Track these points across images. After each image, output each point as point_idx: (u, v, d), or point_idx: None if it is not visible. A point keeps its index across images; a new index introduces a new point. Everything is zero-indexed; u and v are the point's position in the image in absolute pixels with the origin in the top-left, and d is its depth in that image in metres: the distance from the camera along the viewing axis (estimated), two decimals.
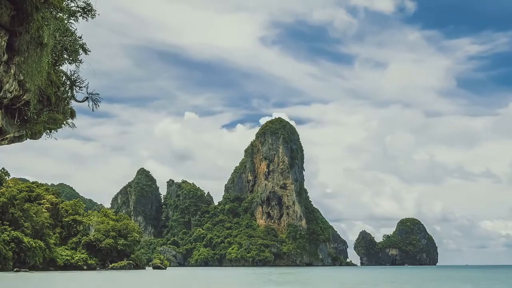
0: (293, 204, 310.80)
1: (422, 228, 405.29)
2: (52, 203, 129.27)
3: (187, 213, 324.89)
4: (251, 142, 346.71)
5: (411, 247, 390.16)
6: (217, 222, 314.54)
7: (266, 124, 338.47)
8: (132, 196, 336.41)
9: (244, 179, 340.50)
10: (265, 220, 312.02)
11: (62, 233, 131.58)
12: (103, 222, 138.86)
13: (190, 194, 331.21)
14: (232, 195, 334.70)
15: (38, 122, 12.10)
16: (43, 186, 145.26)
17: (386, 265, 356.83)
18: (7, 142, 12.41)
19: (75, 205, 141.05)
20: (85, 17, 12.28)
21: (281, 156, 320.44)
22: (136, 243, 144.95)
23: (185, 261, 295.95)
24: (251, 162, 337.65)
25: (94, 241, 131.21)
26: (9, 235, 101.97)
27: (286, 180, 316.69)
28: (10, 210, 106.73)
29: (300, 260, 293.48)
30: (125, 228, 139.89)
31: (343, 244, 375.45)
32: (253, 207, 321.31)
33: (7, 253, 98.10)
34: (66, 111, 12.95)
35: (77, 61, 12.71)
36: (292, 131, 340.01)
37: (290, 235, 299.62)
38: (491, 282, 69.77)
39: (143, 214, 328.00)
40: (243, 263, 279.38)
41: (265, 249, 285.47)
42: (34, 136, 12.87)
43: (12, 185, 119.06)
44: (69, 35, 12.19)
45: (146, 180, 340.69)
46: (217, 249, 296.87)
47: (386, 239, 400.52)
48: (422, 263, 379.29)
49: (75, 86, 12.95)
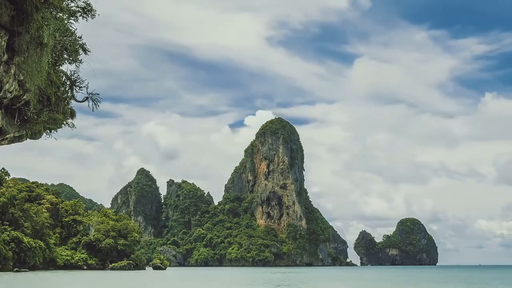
0: (293, 204, 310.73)
1: (422, 228, 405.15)
2: (52, 203, 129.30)
3: (187, 213, 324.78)
4: (251, 142, 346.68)
5: (411, 247, 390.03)
6: (217, 222, 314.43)
7: (266, 124, 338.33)
8: (132, 196, 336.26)
9: (244, 179, 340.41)
10: (265, 220, 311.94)
11: (62, 233, 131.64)
12: (103, 222, 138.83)
13: (190, 194, 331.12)
14: (232, 195, 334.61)
15: (38, 122, 12.10)
16: (43, 186, 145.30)
17: (386, 265, 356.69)
18: (7, 142, 12.41)
19: (75, 205, 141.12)
20: (85, 17, 12.28)
21: (281, 156, 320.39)
22: (136, 243, 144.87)
23: (185, 261, 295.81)
24: (251, 162, 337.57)
25: (94, 241, 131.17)
26: (9, 235, 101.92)
27: (286, 180, 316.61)
28: (10, 210, 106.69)
29: (300, 260, 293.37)
30: (125, 228, 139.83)
31: (343, 244, 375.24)
32: (253, 207, 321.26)
33: (7, 253, 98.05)
34: (66, 111, 12.95)
35: (77, 61, 12.71)
36: (292, 131, 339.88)
37: (290, 235, 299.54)
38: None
39: (143, 214, 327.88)
40: (243, 263, 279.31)
41: (265, 249, 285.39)
42: (34, 136, 12.87)
43: (12, 185, 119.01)
44: (69, 35, 12.19)
45: (146, 180, 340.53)
46: (217, 249, 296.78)
47: (386, 239, 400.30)
48: (422, 263, 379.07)
49: (75, 86, 12.95)
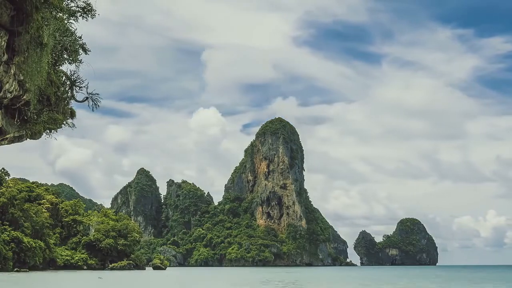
0: (293, 204, 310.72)
1: (422, 228, 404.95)
2: (52, 203, 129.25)
3: (187, 213, 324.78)
4: (251, 142, 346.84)
5: (411, 247, 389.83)
6: (217, 222, 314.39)
7: (266, 124, 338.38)
8: (132, 196, 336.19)
9: (244, 179, 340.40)
10: (265, 220, 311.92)
11: (62, 233, 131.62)
12: (103, 222, 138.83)
13: (190, 194, 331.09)
14: (232, 195, 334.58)
15: (38, 122, 12.10)
16: (43, 186, 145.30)
17: (386, 265, 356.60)
18: (7, 142, 12.41)
19: (75, 205, 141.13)
20: (85, 17, 12.28)
21: (281, 156, 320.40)
22: (136, 243, 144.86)
23: (185, 261, 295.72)
24: (251, 162, 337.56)
25: (94, 241, 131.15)
26: (9, 235, 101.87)
27: (286, 180, 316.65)
28: (10, 210, 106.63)
29: (300, 260, 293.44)
30: (125, 228, 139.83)
31: (343, 244, 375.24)
32: (253, 207, 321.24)
33: (7, 253, 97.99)
34: (66, 111, 12.95)
35: (77, 61, 12.71)
36: (292, 131, 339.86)
37: (290, 235, 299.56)
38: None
39: (143, 214, 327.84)
40: (243, 263, 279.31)
41: (265, 249, 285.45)
42: (34, 136, 12.87)
43: (12, 185, 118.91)
44: (69, 35, 12.19)
45: (146, 180, 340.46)
46: (217, 249, 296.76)
47: (386, 239, 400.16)
48: (422, 263, 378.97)
49: (75, 86, 12.96)
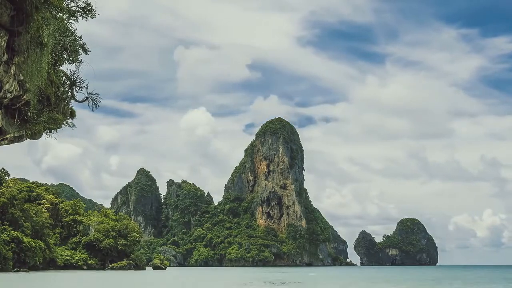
0: (293, 204, 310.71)
1: (422, 228, 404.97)
2: (52, 203, 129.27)
3: (187, 213, 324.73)
4: (251, 142, 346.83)
5: (411, 247, 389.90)
6: (217, 222, 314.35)
7: (266, 124, 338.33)
8: (132, 196, 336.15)
9: (244, 179, 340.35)
10: (265, 220, 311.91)
11: (62, 233, 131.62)
12: (103, 222, 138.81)
13: (190, 194, 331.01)
14: (232, 195, 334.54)
15: (38, 122, 12.09)
16: (43, 186, 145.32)
17: (386, 265, 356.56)
18: (7, 142, 12.40)
19: (75, 205, 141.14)
20: (85, 17, 12.27)
21: (281, 156, 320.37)
22: (136, 243, 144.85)
23: (185, 261, 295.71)
24: (251, 162, 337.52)
25: (94, 241, 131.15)
26: (9, 235, 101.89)
27: (286, 180, 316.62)
28: (10, 210, 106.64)
29: (300, 260, 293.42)
30: (125, 228, 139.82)
31: (343, 244, 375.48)
32: (253, 207, 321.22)
33: (7, 253, 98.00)
34: (66, 111, 12.95)
35: (77, 61, 12.71)
36: (292, 131, 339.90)
37: (290, 235, 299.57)
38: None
39: (143, 214, 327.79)
40: (243, 263, 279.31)
41: (265, 249, 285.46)
42: (34, 136, 12.86)
43: (12, 185, 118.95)
44: (69, 35, 12.19)
45: (146, 180, 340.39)
46: (217, 249, 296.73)
47: (386, 239, 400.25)
48: (422, 263, 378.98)
49: (75, 86, 12.96)
